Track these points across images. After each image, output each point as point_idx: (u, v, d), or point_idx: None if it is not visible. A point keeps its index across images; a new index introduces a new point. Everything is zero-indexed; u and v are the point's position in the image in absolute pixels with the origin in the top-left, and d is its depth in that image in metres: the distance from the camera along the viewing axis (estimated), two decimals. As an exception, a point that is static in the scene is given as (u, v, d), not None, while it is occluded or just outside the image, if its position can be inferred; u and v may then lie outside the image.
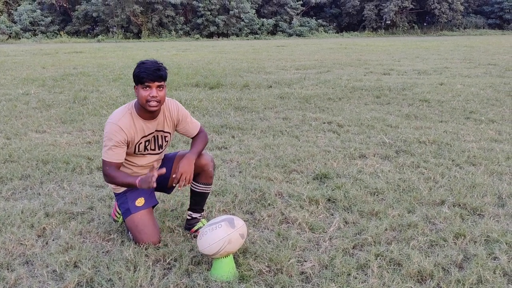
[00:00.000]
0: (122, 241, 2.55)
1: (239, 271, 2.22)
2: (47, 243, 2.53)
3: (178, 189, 3.00)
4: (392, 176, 3.55)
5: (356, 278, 2.14)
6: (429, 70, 11.21)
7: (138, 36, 40.57)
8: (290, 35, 43.39)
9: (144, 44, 32.16)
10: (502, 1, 45.91)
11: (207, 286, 2.11)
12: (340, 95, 7.44)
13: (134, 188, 2.58)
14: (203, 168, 2.58)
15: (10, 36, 37.84)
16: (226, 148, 4.49)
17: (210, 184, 2.66)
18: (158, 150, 2.62)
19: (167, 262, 2.32)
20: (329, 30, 46.11)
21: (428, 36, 41.76)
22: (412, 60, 14.11)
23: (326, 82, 9.08)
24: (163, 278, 2.19)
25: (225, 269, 2.17)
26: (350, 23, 47.33)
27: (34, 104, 6.85)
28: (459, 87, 8.15)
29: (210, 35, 41.94)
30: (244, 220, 2.72)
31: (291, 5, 44.51)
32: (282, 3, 44.80)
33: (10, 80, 9.93)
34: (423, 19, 48.39)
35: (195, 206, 2.69)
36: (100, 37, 39.18)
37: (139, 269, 2.21)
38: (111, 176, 2.39)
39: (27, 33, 38.81)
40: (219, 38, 41.41)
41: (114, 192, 2.64)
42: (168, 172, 2.66)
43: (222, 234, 2.14)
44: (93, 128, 5.32)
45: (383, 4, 44.63)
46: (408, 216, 2.80)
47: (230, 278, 2.15)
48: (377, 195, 3.18)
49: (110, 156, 2.40)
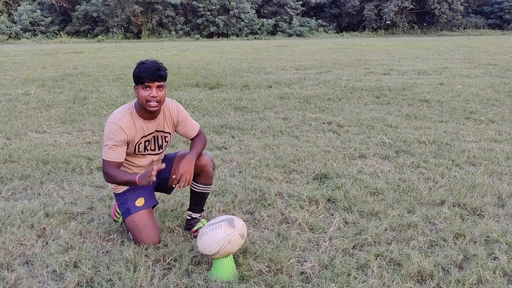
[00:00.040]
0: (122, 241, 2.55)
1: (239, 271, 2.22)
2: (47, 243, 2.53)
3: (178, 190, 3.00)
4: (392, 176, 3.55)
5: (356, 278, 2.14)
6: (429, 70, 11.21)
7: (138, 36, 40.60)
8: (290, 35, 43.42)
9: (144, 44, 32.17)
10: (502, 1, 45.93)
11: (207, 286, 2.12)
12: (340, 95, 7.44)
13: (134, 188, 2.59)
14: (202, 168, 2.58)
15: (10, 36, 37.87)
16: (226, 148, 4.49)
17: (210, 184, 2.66)
18: (158, 150, 2.62)
19: (167, 262, 2.32)
20: (329, 30, 46.13)
21: (428, 36, 41.78)
22: (412, 60, 14.12)
23: (326, 82, 9.08)
24: (163, 278, 2.19)
25: (225, 269, 2.17)
26: (350, 23, 47.35)
27: (34, 104, 6.85)
28: (459, 87, 8.15)
29: (210, 35, 41.96)
30: (244, 220, 2.72)
31: (291, 5, 44.54)
32: (282, 3, 44.83)
33: (10, 80, 9.94)
34: (423, 19, 48.41)
35: (195, 206, 2.69)
36: (100, 37, 39.20)
37: (139, 269, 2.21)
38: (111, 175, 2.39)
39: (27, 33, 38.83)
40: (219, 38, 41.43)
41: (114, 192, 2.64)
42: (168, 172, 2.67)
43: (222, 234, 2.14)
44: (93, 128, 5.32)
45: (383, 4, 44.66)
46: (408, 216, 2.80)
47: (230, 278, 2.15)
48: (377, 195, 3.18)
49: (110, 155, 2.40)
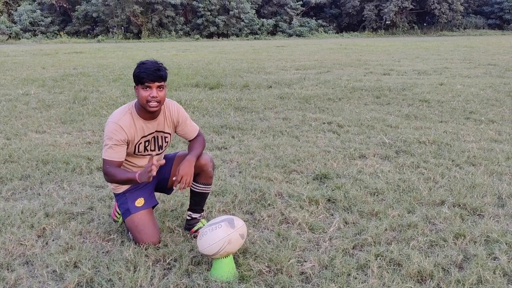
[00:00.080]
0: (122, 241, 2.55)
1: (239, 271, 2.22)
2: (47, 243, 2.53)
3: (179, 191, 3.00)
4: (392, 176, 3.55)
5: (356, 278, 2.14)
6: (429, 70, 11.21)
7: (138, 36, 40.61)
8: (290, 35, 43.44)
9: (144, 44, 32.18)
10: (502, 1, 45.95)
11: (207, 286, 2.12)
12: (340, 96, 7.44)
13: (134, 188, 2.59)
14: (202, 168, 2.58)
15: (10, 37, 37.89)
16: (226, 148, 4.49)
17: (210, 184, 2.66)
18: (158, 150, 2.62)
19: (167, 262, 2.32)
20: (329, 30, 46.16)
21: (428, 37, 41.80)
22: (412, 61, 14.12)
23: (326, 82, 9.08)
24: (163, 278, 2.19)
25: (225, 269, 2.17)
26: (350, 24, 47.37)
27: (34, 105, 6.85)
28: (459, 88, 8.15)
29: (210, 36, 41.98)
30: (244, 220, 2.72)
31: (291, 5, 44.57)
32: (282, 4, 44.85)
33: (10, 80, 9.94)
34: (423, 19, 48.43)
35: (195, 206, 2.69)
36: (100, 37, 39.22)
37: (139, 269, 2.21)
38: (111, 174, 2.39)
39: (27, 33, 38.84)
40: (219, 38, 41.45)
41: (114, 193, 2.64)
42: (168, 172, 2.67)
43: (222, 234, 2.14)
44: (93, 128, 5.32)
45: (383, 5, 44.68)
46: (408, 216, 2.80)
47: (230, 279, 2.15)
48: (377, 195, 3.18)
49: (111, 154, 2.40)
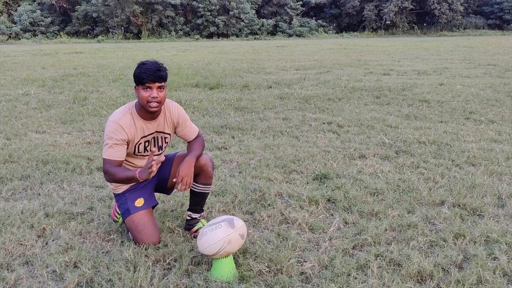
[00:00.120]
0: (122, 241, 2.55)
1: (239, 272, 2.22)
2: (47, 244, 2.53)
3: (180, 193, 3.00)
4: (392, 176, 3.55)
5: (356, 279, 2.14)
6: (429, 70, 11.21)
7: (138, 36, 40.62)
8: (290, 35, 43.45)
9: (144, 44, 32.18)
10: (502, 1, 45.96)
11: (207, 287, 2.12)
12: (340, 96, 7.44)
13: (134, 188, 2.59)
14: (202, 168, 2.58)
15: (10, 37, 37.89)
16: (226, 148, 4.49)
17: (210, 184, 2.66)
18: (158, 151, 2.62)
19: (167, 262, 2.32)
20: (329, 30, 46.17)
21: (428, 37, 41.81)
22: (412, 61, 14.12)
23: (326, 82, 9.09)
24: (163, 278, 2.19)
25: (225, 269, 2.17)
26: (350, 24, 47.38)
27: (34, 105, 6.85)
28: (459, 88, 8.15)
29: (210, 36, 41.98)
30: (244, 221, 2.72)
31: (291, 5, 44.58)
32: (282, 4, 44.86)
33: (10, 80, 9.94)
34: (423, 19, 48.44)
35: (194, 206, 2.69)
36: (100, 37, 39.23)
37: (139, 269, 2.21)
38: (111, 173, 2.39)
39: (27, 33, 38.85)
40: (219, 38, 41.45)
41: (114, 193, 2.64)
42: (168, 172, 2.67)
43: (222, 234, 2.14)
44: (93, 128, 5.33)
45: (383, 5, 44.69)
46: (408, 217, 2.80)
47: (230, 279, 2.15)
48: (377, 196, 3.18)
49: (111, 154, 2.40)
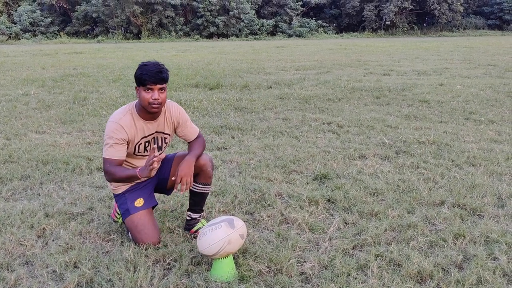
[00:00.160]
0: (122, 241, 2.55)
1: (239, 272, 2.22)
2: (47, 244, 2.53)
3: (180, 193, 2.99)
4: (391, 176, 3.55)
5: (356, 279, 2.14)
6: (428, 70, 11.21)
7: (138, 36, 40.62)
8: (290, 35, 43.46)
9: (144, 44, 32.18)
10: (501, 1, 45.98)
11: (207, 287, 2.12)
12: (340, 96, 7.44)
13: (134, 188, 2.59)
14: (201, 168, 2.58)
15: (10, 37, 37.89)
16: (226, 148, 4.49)
17: (209, 184, 2.66)
18: (158, 151, 2.62)
19: (167, 262, 2.32)
20: (328, 30, 46.19)
21: (428, 37, 41.82)
22: (411, 61, 14.12)
23: (326, 82, 9.09)
24: (163, 278, 2.19)
25: (225, 269, 2.17)
26: (350, 24, 47.39)
27: (34, 105, 6.85)
28: (458, 88, 8.15)
29: (210, 36, 41.99)
30: (244, 221, 2.73)
31: (291, 5, 44.59)
32: (282, 4, 44.87)
33: (10, 80, 9.94)
34: (423, 19, 48.47)
35: (194, 206, 2.69)
36: (100, 37, 39.24)
37: (139, 269, 2.21)
38: (111, 172, 2.39)
39: (27, 33, 38.85)
40: (219, 38, 41.46)
41: (114, 193, 2.64)
42: (167, 172, 2.67)
43: (222, 234, 2.14)
44: (93, 128, 5.32)
45: (383, 5, 44.71)
46: (408, 217, 2.80)
47: (230, 279, 2.15)
48: (376, 196, 3.18)
49: (111, 153, 2.40)
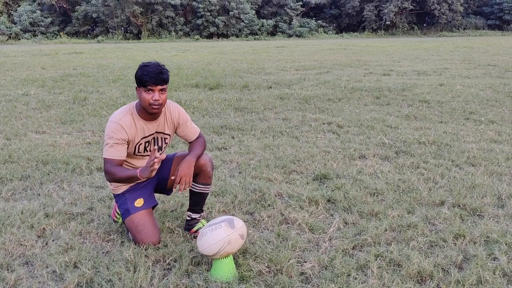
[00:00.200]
0: (122, 241, 2.55)
1: (239, 272, 2.22)
2: (47, 244, 2.53)
3: (178, 193, 3.00)
4: (391, 176, 3.55)
5: (355, 279, 2.14)
6: (428, 71, 11.21)
7: (138, 37, 40.62)
8: (290, 36, 43.44)
9: (144, 45, 32.18)
10: (501, 2, 45.97)
11: (207, 287, 2.12)
12: (340, 96, 7.44)
13: (134, 188, 2.59)
14: (201, 168, 2.58)
15: (10, 37, 37.88)
16: (226, 148, 4.49)
17: (209, 184, 2.66)
18: (158, 151, 2.62)
19: (167, 262, 2.32)
20: (328, 31, 46.18)
21: (428, 37, 41.81)
22: (411, 61, 14.12)
23: (326, 82, 9.09)
24: (163, 278, 2.19)
25: (225, 269, 2.17)
26: (350, 24, 47.38)
27: (34, 105, 6.85)
28: (458, 88, 8.15)
29: (210, 36, 41.99)
30: (244, 221, 2.73)
31: (291, 6, 44.57)
32: (282, 4, 44.86)
33: (9, 80, 9.94)
34: (423, 20, 48.46)
35: (194, 206, 2.69)
36: (100, 37, 39.22)
37: (139, 269, 2.21)
38: (112, 172, 2.39)
39: (27, 34, 38.84)
40: (218, 38, 41.46)
41: (114, 193, 2.64)
42: (167, 172, 2.67)
43: (222, 234, 2.14)
44: (93, 128, 5.32)
45: (383, 5, 44.69)
46: (408, 217, 2.80)
47: (230, 279, 2.15)
48: (376, 196, 3.18)
49: (111, 153, 2.40)
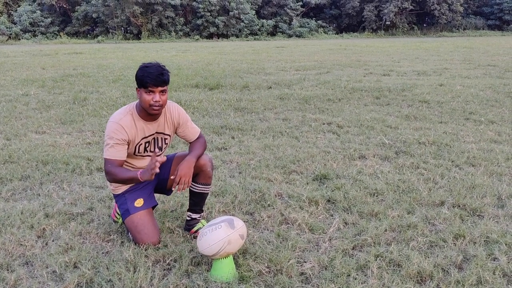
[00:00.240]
0: (122, 242, 2.55)
1: (239, 272, 2.22)
2: (46, 244, 2.53)
3: (178, 192, 3.00)
4: (391, 177, 3.55)
5: (355, 279, 2.15)
6: (428, 71, 11.21)
7: (138, 37, 40.61)
8: (290, 36, 43.43)
9: (144, 45, 32.19)
10: (501, 2, 45.97)
11: (206, 287, 2.12)
12: (340, 96, 7.44)
13: (134, 188, 2.59)
14: (201, 169, 2.58)
15: (10, 37, 37.87)
16: (226, 149, 4.49)
17: (209, 184, 2.66)
18: (158, 152, 2.63)
19: (167, 262, 2.32)
20: (328, 31, 46.17)
21: (428, 37, 41.81)
22: (411, 61, 14.12)
23: (326, 83, 9.09)
24: (163, 278, 2.19)
25: (225, 269, 2.17)
26: (350, 24, 47.37)
27: (34, 105, 6.85)
28: (458, 88, 8.16)
29: (210, 36, 41.98)
30: (244, 221, 2.72)
31: (291, 6, 44.56)
32: (282, 4, 44.85)
33: (9, 81, 9.94)
34: (423, 20, 48.45)
35: (194, 207, 2.69)
36: (100, 38, 39.21)
37: (139, 269, 2.21)
38: (112, 173, 2.39)
39: (27, 34, 38.83)
40: (218, 39, 41.45)
41: (114, 193, 2.64)
42: (167, 173, 2.67)
43: (222, 234, 2.14)
44: (93, 129, 5.33)
45: (383, 5, 44.68)
46: (408, 217, 2.80)
47: (230, 279, 2.15)
48: (376, 196, 3.18)
49: (112, 153, 2.40)
